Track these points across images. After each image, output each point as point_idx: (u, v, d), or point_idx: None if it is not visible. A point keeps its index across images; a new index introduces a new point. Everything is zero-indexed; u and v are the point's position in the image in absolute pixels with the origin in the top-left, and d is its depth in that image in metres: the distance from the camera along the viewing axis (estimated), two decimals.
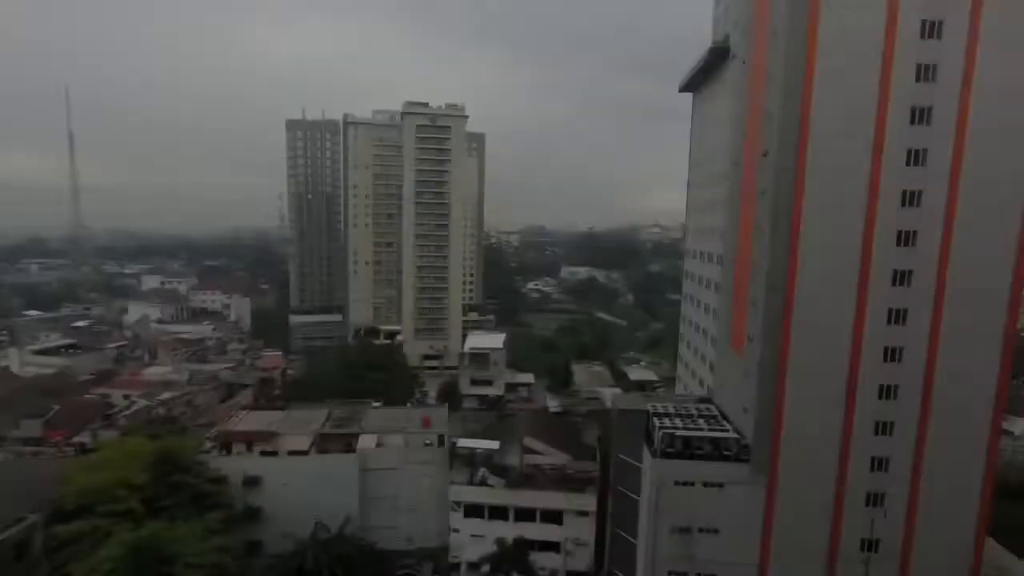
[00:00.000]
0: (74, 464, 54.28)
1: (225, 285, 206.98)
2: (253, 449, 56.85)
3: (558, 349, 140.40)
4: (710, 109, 65.00)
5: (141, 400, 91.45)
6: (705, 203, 65.45)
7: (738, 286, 48.67)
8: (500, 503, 52.89)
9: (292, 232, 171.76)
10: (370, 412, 65.37)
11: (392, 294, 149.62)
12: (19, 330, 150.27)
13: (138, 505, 47.63)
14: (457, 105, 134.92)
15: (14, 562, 45.00)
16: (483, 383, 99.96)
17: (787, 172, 40.55)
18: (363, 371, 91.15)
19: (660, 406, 49.84)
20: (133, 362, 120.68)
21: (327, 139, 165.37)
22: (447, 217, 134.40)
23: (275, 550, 53.99)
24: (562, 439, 61.76)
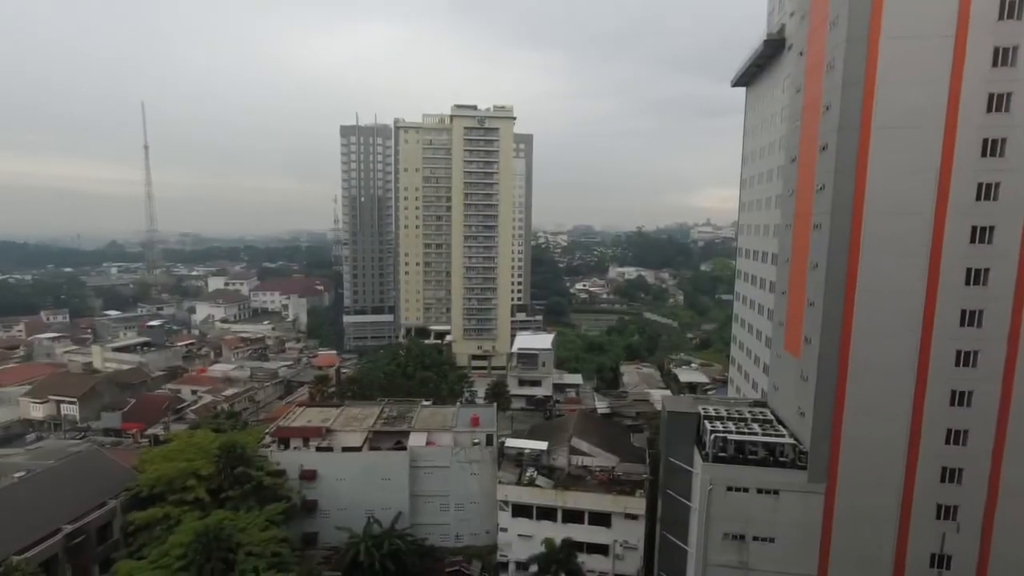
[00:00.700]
0: (148, 454, 57.96)
1: (283, 286, 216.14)
2: (309, 444, 58.88)
3: (606, 350, 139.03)
4: (764, 103, 62.87)
5: (207, 395, 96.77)
6: (759, 200, 63.36)
7: (794, 286, 46.88)
8: (548, 504, 52.81)
9: (346, 234, 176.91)
10: (420, 411, 66.65)
11: (441, 295, 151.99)
12: (100, 329, 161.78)
13: (205, 495, 50.46)
14: (505, 107, 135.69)
15: (97, 544, 48.49)
16: (531, 383, 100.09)
17: (847, 166, 38.78)
18: (413, 370, 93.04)
19: (711, 409, 48.66)
20: (200, 359, 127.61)
21: (379, 143, 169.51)
22: (495, 218, 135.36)
23: (330, 542, 56.01)
24: (611, 441, 61.13)
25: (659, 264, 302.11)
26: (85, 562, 47.07)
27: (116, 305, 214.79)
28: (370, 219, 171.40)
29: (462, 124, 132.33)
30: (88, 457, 59.64)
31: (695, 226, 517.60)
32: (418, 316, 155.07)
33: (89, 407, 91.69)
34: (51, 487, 51.36)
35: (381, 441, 59.98)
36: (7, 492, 51.51)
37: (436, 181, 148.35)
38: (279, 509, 51.24)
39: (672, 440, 47.25)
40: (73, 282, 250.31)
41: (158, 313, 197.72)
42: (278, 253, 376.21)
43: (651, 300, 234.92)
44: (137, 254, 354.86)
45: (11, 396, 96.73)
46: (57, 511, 47.58)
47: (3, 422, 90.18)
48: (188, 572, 42.97)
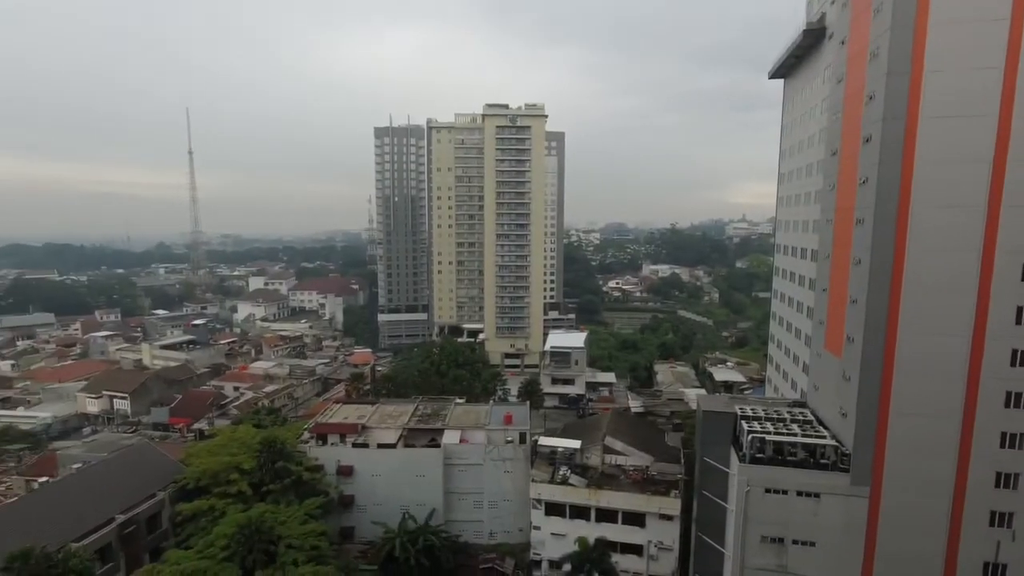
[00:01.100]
0: (194, 448, 60.24)
1: (320, 285, 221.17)
2: (346, 440, 60.13)
3: (640, 348, 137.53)
4: (803, 95, 61.05)
5: (249, 392, 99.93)
6: (797, 195, 61.60)
7: (835, 283, 45.42)
8: (581, 502, 52.66)
9: (380, 234, 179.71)
10: (454, 408, 67.31)
11: (474, 293, 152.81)
12: (149, 327, 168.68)
13: (247, 488, 52.13)
14: (536, 105, 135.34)
15: (147, 533, 50.66)
16: (564, 382, 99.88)
17: (892, 158, 37.34)
18: (447, 368, 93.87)
19: (749, 408, 47.62)
20: (242, 357, 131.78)
21: (412, 144, 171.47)
22: (527, 216, 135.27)
23: (366, 537, 57.17)
24: (644, 440, 60.57)
25: (693, 261, 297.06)
26: (137, 550, 49.22)
27: (164, 304, 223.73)
28: (404, 219, 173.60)
29: (494, 123, 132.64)
30: (139, 450, 62.28)
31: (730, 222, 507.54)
32: (451, 314, 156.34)
33: (140, 402, 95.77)
34: (105, 478, 53.89)
35: (415, 438, 60.82)
36: (66, 483, 54.41)
37: (468, 180, 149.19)
38: (317, 503, 52.54)
39: (708, 440, 46.48)
40: (124, 282, 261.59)
41: (202, 312, 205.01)
42: (315, 253, 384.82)
43: (685, 298, 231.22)
44: (183, 255, 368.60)
45: (69, 391, 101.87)
46: (111, 501, 49.88)
47: (62, 416, 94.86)
48: (232, 563, 44.47)
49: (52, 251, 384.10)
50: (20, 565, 37.30)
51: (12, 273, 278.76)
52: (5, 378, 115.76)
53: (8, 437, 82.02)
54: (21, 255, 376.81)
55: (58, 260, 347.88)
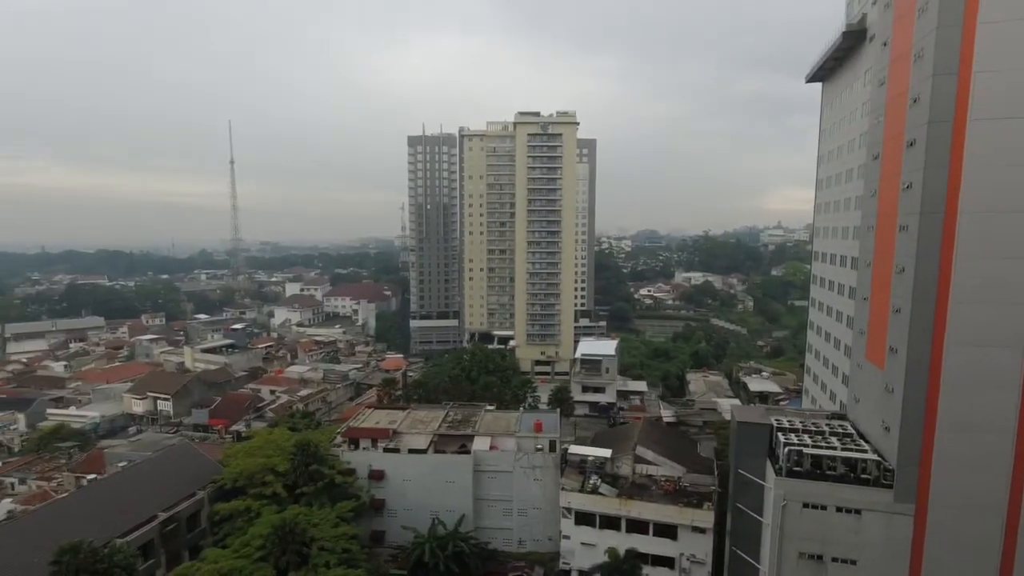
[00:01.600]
0: (232, 450, 61.87)
1: (354, 291, 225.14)
2: (377, 445, 60.95)
3: (672, 357, 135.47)
4: (842, 99, 59.54)
5: (284, 395, 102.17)
6: (836, 201, 59.96)
7: (877, 292, 43.92)
8: (612, 512, 51.97)
9: (412, 241, 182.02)
10: (484, 415, 67.46)
11: (505, 300, 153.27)
12: (191, 331, 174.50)
13: (282, 490, 53.25)
14: (568, 112, 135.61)
15: (187, 531, 52.21)
16: (595, 390, 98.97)
17: (939, 162, 36.01)
18: (477, 375, 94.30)
19: (785, 420, 46.32)
20: (278, 361, 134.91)
21: (444, 152, 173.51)
22: (558, 224, 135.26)
23: (396, 541, 57.65)
24: (676, 450, 59.53)
25: (727, 269, 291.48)
26: (177, 547, 50.78)
27: (205, 309, 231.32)
28: (436, 226, 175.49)
29: (525, 131, 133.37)
30: (180, 450, 64.30)
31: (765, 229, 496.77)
32: (482, 321, 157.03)
33: (181, 404, 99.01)
34: (148, 477, 55.83)
35: (446, 444, 61.16)
36: (112, 480, 56.61)
37: (500, 188, 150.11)
38: (349, 507, 53.30)
39: (742, 452, 45.38)
40: (169, 288, 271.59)
41: (241, 317, 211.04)
42: (349, 260, 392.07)
43: (718, 306, 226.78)
44: (223, 261, 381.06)
45: (117, 392, 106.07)
46: (153, 499, 51.62)
47: (110, 416, 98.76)
48: (266, 563, 45.45)
49: (103, 258, 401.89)
50: (69, 559, 38.87)
51: (67, 278, 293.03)
52: (58, 378, 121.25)
53: (60, 435, 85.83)
54: (75, 261, 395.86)
55: (109, 266, 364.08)
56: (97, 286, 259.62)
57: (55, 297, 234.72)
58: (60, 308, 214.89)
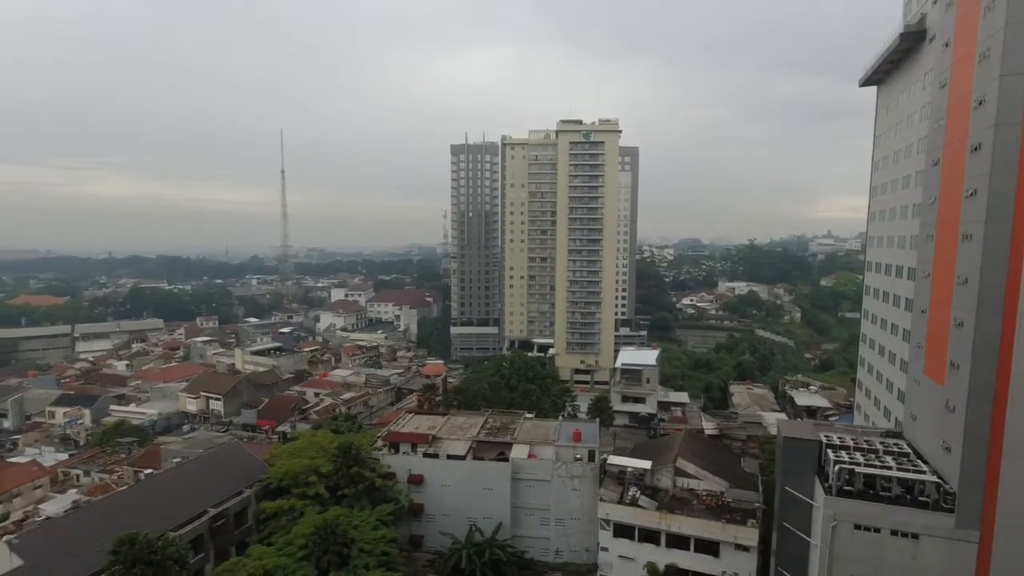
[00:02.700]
0: (278, 450, 63.75)
1: (396, 297, 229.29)
2: (417, 450, 61.59)
3: (715, 368, 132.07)
4: (899, 103, 57.12)
5: (328, 398, 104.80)
6: (892, 209, 57.40)
7: (937, 304, 41.73)
8: (651, 526, 50.91)
9: (454, 248, 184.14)
10: (523, 423, 67.32)
11: (545, 308, 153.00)
12: (242, 334, 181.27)
13: (324, 491, 54.47)
14: (610, 120, 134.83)
15: (234, 527, 54.02)
16: (635, 400, 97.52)
17: (1006, 167, 34.02)
18: (517, 382, 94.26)
19: (835, 437, 44.43)
20: (322, 364, 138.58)
21: (486, 160, 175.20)
22: (600, 232, 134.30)
23: (433, 546, 58.06)
24: (719, 464, 57.87)
25: (773, 279, 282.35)
26: (224, 543, 52.56)
27: (255, 313, 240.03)
28: (477, 233, 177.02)
29: (567, 139, 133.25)
30: (230, 449, 66.74)
31: (814, 238, 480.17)
32: (522, 329, 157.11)
33: (232, 404, 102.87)
34: (200, 473, 58.08)
35: (484, 451, 61.29)
36: (167, 476, 59.22)
37: (541, 196, 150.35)
38: (389, 510, 54.01)
39: (789, 468, 43.73)
40: (222, 292, 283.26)
41: (288, 321, 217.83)
42: (392, 266, 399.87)
43: (764, 317, 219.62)
44: (273, 267, 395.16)
45: (173, 391, 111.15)
46: (204, 495, 53.66)
47: (166, 413, 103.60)
48: (308, 562, 46.53)
49: (163, 263, 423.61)
50: (127, 549, 40.82)
51: (130, 282, 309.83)
52: (121, 377, 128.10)
53: (121, 431, 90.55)
54: (138, 266, 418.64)
55: (168, 271, 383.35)
56: (157, 290, 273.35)
57: (119, 300, 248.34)
58: (124, 310, 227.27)
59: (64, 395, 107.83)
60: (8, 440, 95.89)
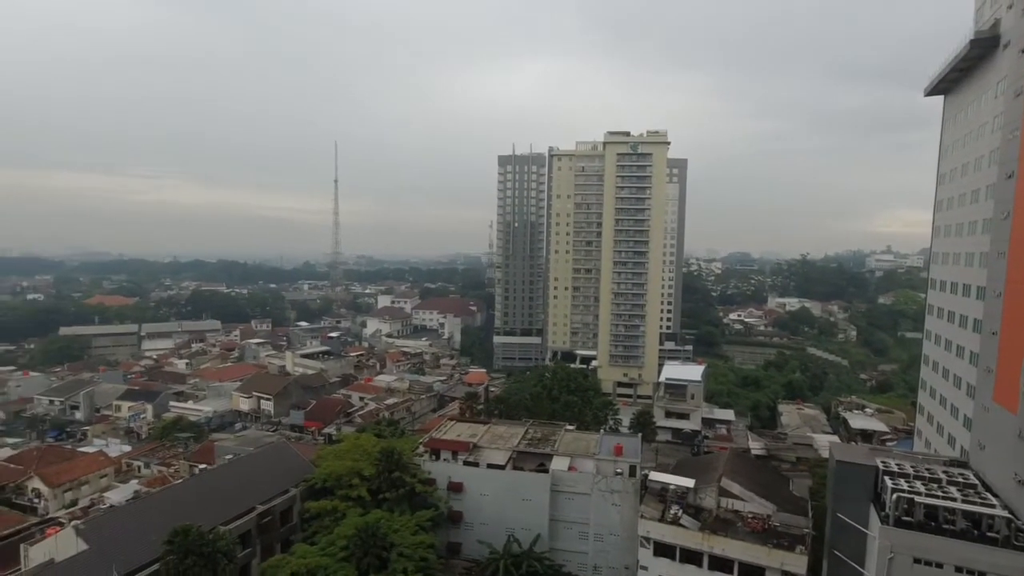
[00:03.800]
0: (323, 451, 65.50)
1: (441, 305, 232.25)
2: (457, 458, 61.97)
3: (763, 386, 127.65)
4: (968, 112, 54.25)
5: (372, 403, 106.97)
6: (960, 224, 54.36)
7: (1009, 325, 39.25)
8: (693, 546, 49.39)
9: (499, 258, 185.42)
10: (563, 435, 66.85)
11: (589, 319, 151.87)
12: (293, 337, 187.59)
13: (366, 494, 55.57)
14: (659, 132, 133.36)
15: (280, 525, 55.75)
16: (678, 416, 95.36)
17: None
18: (558, 393, 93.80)
19: (893, 463, 42.28)
20: (368, 369, 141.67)
21: (533, 171, 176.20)
22: (646, 244, 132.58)
23: (471, 554, 58.15)
24: (766, 486, 55.75)
25: (826, 295, 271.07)
26: (271, 540, 54.30)
27: (305, 317, 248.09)
28: (522, 244, 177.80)
29: (615, 150, 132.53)
30: (278, 448, 68.98)
31: (872, 254, 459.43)
32: (565, 340, 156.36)
33: (281, 404, 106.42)
34: (250, 471, 60.26)
35: (524, 461, 61.12)
36: (219, 471, 61.79)
37: (587, 207, 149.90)
38: (428, 516, 54.59)
39: (842, 494, 41.89)
40: (275, 296, 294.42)
41: (337, 326, 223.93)
42: (437, 274, 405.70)
43: (816, 334, 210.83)
44: (324, 273, 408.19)
45: (227, 390, 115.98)
46: (253, 492, 55.66)
47: (220, 411, 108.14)
48: (349, 563, 47.48)
49: (223, 267, 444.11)
50: (181, 540, 42.83)
51: (192, 285, 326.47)
52: (180, 375, 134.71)
53: (179, 426, 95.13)
54: (200, 270, 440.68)
55: (227, 275, 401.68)
56: (216, 292, 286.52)
57: (182, 301, 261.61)
58: (186, 311, 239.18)
59: (129, 390, 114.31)
60: (79, 431, 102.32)
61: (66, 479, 71.27)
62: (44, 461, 74.75)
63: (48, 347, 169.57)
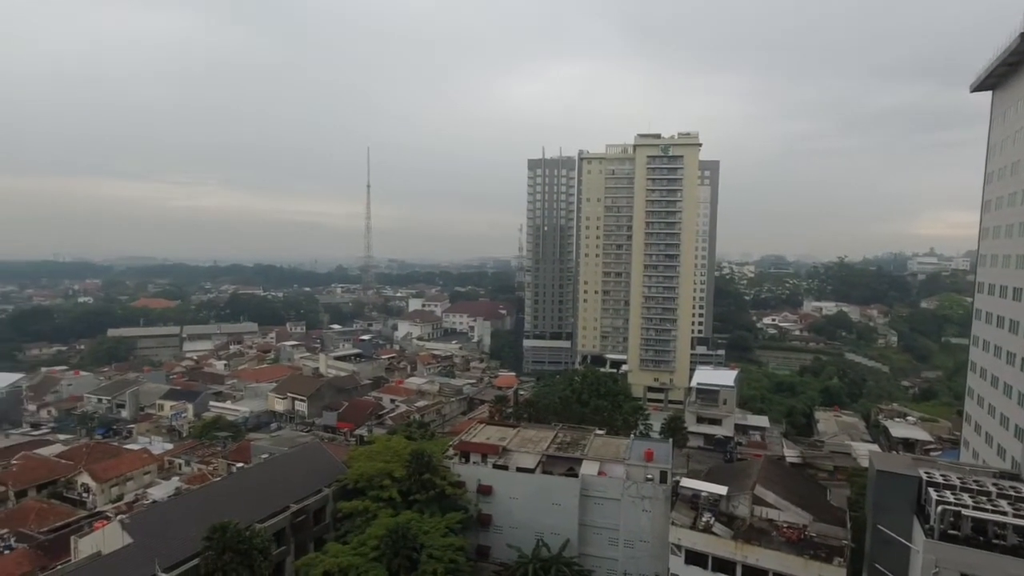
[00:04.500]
0: (355, 452, 66.56)
1: (470, 308, 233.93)
2: (487, 461, 62.15)
3: (798, 392, 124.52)
4: (1019, 108, 52.08)
5: (403, 405, 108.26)
6: (1010, 225, 52.14)
7: None
8: (726, 555, 48.43)
9: (528, 261, 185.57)
10: (593, 439, 66.38)
11: (619, 323, 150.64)
12: (326, 340, 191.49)
13: (397, 495, 56.18)
14: (690, 134, 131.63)
15: (313, 524, 56.89)
16: (710, 422, 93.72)
17: None
18: (588, 398, 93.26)
19: (938, 474, 40.69)
20: (399, 372, 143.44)
21: (563, 175, 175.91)
22: (677, 247, 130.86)
23: (500, 558, 58.25)
24: (801, 494, 54.35)
25: (865, 299, 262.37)
26: (304, 538, 55.44)
27: (338, 320, 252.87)
28: (552, 247, 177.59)
29: (645, 153, 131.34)
30: (312, 448, 70.41)
31: (914, 256, 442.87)
32: (594, 344, 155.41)
33: (315, 405, 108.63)
34: (284, 470, 61.64)
35: (553, 465, 60.93)
36: (255, 470, 63.41)
37: (617, 210, 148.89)
38: (457, 518, 54.89)
39: (883, 505, 40.48)
40: (309, 299, 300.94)
41: (368, 328, 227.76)
42: (467, 278, 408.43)
43: (854, 339, 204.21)
44: (356, 277, 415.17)
45: (263, 391, 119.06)
46: (287, 491, 56.91)
47: (256, 411, 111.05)
48: (379, 563, 48.07)
49: (260, 271, 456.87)
50: (219, 536, 44.12)
51: (231, 288, 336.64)
52: (219, 375, 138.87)
53: (218, 425, 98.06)
54: (238, 273, 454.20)
55: (264, 278, 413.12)
56: (254, 296, 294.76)
57: (221, 304, 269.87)
58: (224, 314, 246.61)
59: (172, 390, 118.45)
60: (125, 428, 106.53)
61: (113, 475, 74.27)
62: (92, 457, 78.18)
63: (97, 348, 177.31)
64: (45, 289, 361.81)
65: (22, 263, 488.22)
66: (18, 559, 50.86)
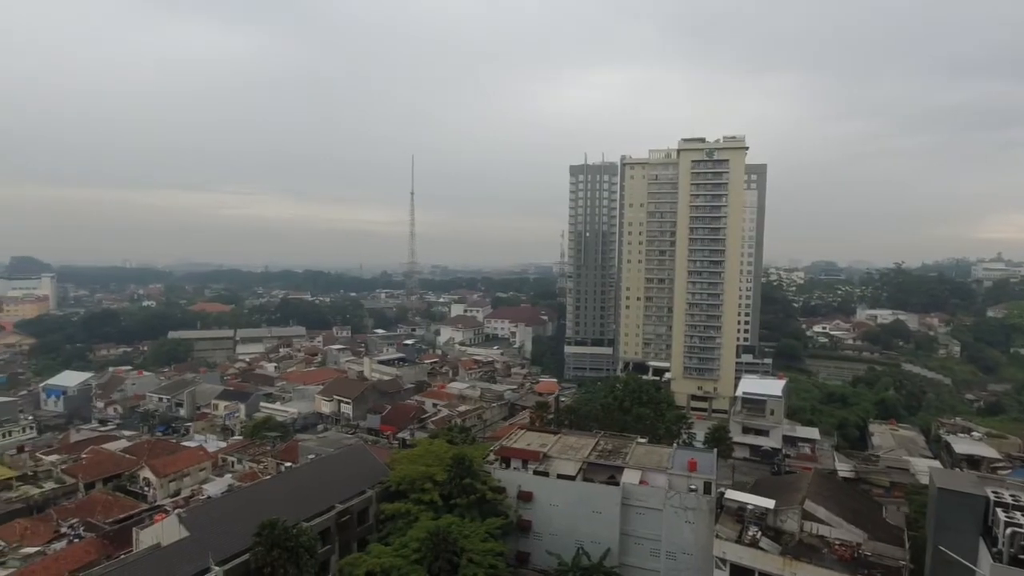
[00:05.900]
0: (397, 455, 67.79)
1: (512, 314, 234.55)
2: (527, 467, 62.20)
3: (851, 403, 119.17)
4: None
5: (444, 409, 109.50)
6: None
7: None
8: (774, 572, 46.91)
9: (570, 267, 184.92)
10: (635, 447, 65.59)
11: (662, 330, 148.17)
12: (370, 344, 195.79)
13: (438, 498, 56.86)
14: (736, 137, 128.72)
15: (357, 524, 58.23)
16: (756, 432, 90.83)
17: None
18: (630, 405, 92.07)
19: (1007, 494, 38.39)
20: (441, 376, 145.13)
21: (605, 180, 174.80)
22: (722, 253, 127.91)
23: (540, 565, 58.13)
24: (855, 511, 52.12)
25: (925, 307, 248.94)
26: (348, 538, 56.78)
27: (382, 324, 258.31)
28: (594, 253, 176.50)
29: (689, 157, 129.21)
30: (356, 450, 72.12)
31: (979, 262, 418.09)
32: (637, 351, 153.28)
33: (359, 408, 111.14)
34: (330, 471, 63.41)
35: (594, 473, 60.48)
36: (303, 470, 65.52)
37: (660, 216, 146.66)
38: (497, 523, 55.06)
39: (945, 525, 38.54)
40: (355, 304, 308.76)
41: (412, 333, 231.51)
42: (509, 284, 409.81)
43: (912, 349, 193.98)
44: (400, 282, 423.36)
45: (310, 393, 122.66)
46: (333, 491, 58.47)
47: (304, 413, 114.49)
48: (420, 566, 48.75)
49: (309, 276, 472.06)
50: (268, 533, 45.79)
51: (281, 293, 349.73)
52: (269, 377, 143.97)
53: (268, 426, 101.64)
54: (289, 279, 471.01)
55: (312, 284, 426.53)
56: (302, 301, 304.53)
57: (272, 309, 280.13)
58: (275, 318, 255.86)
59: (225, 391, 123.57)
60: (183, 426, 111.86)
61: (171, 470, 78.04)
62: (153, 453, 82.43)
63: (158, 349, 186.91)
64: (113, 293, 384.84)
65: (95, 269, 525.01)
66: (87, 548, 54.08)
